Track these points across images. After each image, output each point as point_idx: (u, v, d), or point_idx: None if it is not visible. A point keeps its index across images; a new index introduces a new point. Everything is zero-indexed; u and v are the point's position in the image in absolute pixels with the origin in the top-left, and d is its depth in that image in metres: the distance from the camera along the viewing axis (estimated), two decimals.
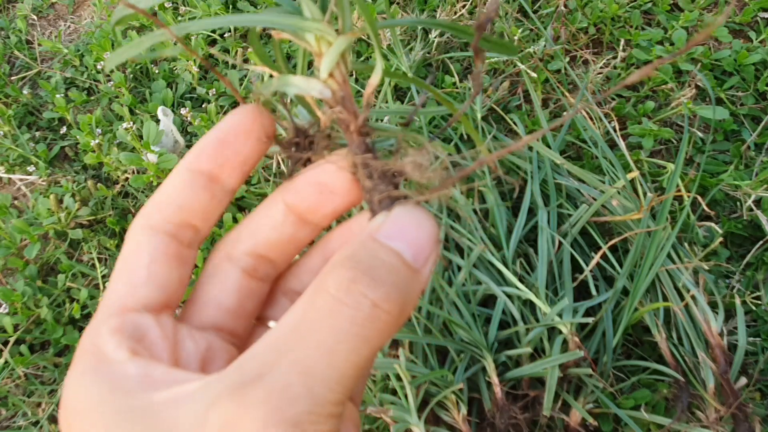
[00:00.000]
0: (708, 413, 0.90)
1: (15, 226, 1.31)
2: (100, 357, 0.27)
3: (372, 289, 0.25)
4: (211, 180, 0.31)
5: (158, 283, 0.30)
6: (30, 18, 1.88)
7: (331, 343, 0.24)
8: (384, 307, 0.25)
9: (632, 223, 1.03)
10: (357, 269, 0.26)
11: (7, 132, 1.55)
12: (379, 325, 0.25)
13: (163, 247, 0.30)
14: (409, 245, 0.27)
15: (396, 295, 0.25)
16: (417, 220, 0.28)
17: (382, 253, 0.27)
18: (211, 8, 1.65)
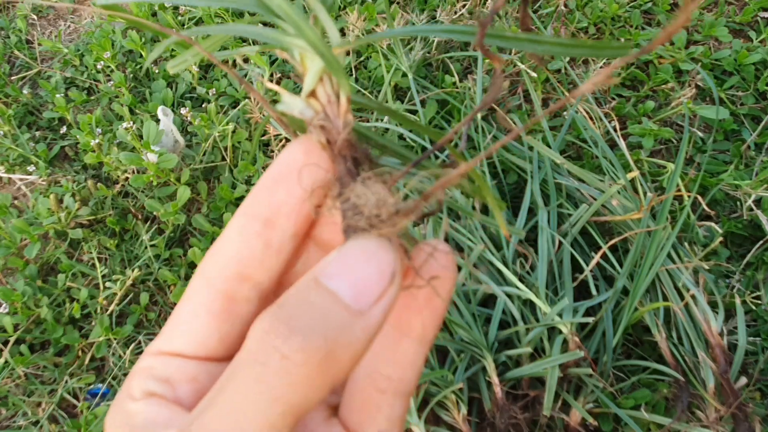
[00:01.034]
0: (708, 413, 0.90)
1: (15, 225, 1.31)
2: (125, 392, 0.28)
3: (284, 340, 0.23)
4: (266, 226, 0.29)
5: (196, 338, 0.29)
6: (30, 18, 1.88)
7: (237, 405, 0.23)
8: (295, 359, 0.23)
9: (632, 222, 1.03)
10: (275, 317, 0.24)
11: (7, 132, 1.55)
12: (289, 380, 0.23)
13: (208, 302, 0.29)
14: (350, 284, 0.25)
15: (316, 343, 0.23)
16: (366, 255, 0.25)
17: (314, 295, 0.24)
18: (211, 8, 1.64)
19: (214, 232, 1.29)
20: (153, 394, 0.28)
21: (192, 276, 0.30)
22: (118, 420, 0.28)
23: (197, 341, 0.29)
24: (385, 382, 0.29)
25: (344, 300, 0.24)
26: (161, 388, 0.28)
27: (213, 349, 0.29)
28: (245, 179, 1.37)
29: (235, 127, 1.39)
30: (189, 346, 0.29)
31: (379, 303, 0.25)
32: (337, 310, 0.24)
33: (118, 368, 1.20)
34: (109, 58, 1.63)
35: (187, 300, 0.30)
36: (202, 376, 0.29)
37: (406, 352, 0.29)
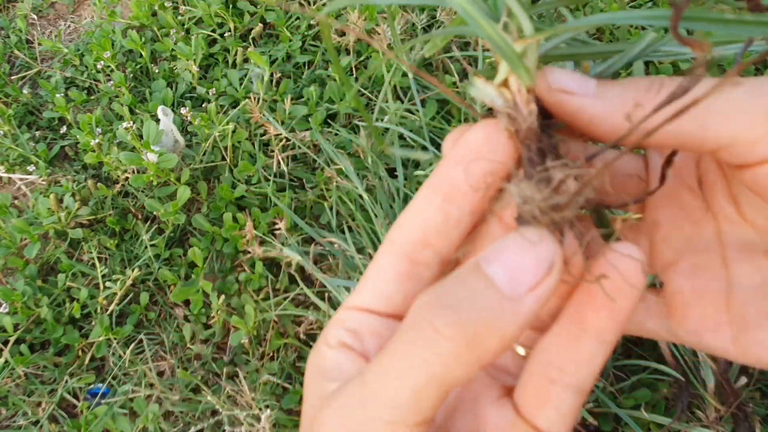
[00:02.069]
0: (708, 413, 0.90)
1: (15, 225, 1.31)
2: (323, 337, 0.32)
3: (437, 315, 0.25)
4: (445, 200, 0.30)
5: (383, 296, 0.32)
6: (30, 17, 1.88)
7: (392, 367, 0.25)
8: (443, 332, 0.24)
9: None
10: (433, 293, 0.26)
11: (7, 131, 1.55)
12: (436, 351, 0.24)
13: (395, 263, 0.32)
14: (505, 269, 0.25)
15: (464, 320, 0.24)
16: (526, 243, 0.26)
17: (471, 277, 0.26)
18: (211, 8, 1.64)
19: (214, 231, 1.29)
20: (344, 344, 0.31)
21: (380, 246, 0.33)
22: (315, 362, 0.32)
23: (383, 298, 0.32)
24: (557, 374, 0.29)
25: (498, 284, 0.25)
26: (351, 339, 0.31)
27: (398, 306, 0.32)
28: (245, 179, 1.37)
29: (235, 127, 1.39)
30: (376, 302, 0.32)
31: (534, 292, 0.25)
32: (489, 294, 0.25)
33: (118, 368, 1.20)
34: (109, 58, 1.63)
35: (376, 261, 0.33)
36: (385, 332, 0.31)
37: (581, 349, 0.29)
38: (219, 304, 1.20)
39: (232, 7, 1.68)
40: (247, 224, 1.21)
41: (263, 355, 1.18)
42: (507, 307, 0.25)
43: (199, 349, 1.21)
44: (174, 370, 1.21)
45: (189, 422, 1.12)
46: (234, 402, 1.10)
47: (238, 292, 1.25)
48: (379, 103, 1.33)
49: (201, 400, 1.12)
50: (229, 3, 1.68)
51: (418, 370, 0.25)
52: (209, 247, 1.29)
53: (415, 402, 0.25)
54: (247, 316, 1.16)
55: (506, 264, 0.25)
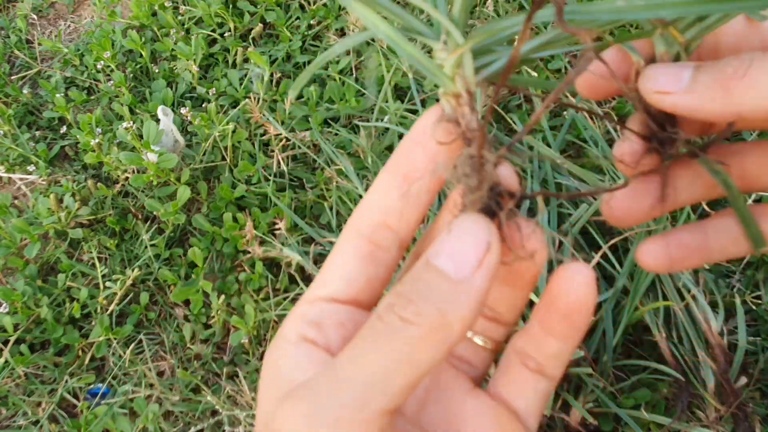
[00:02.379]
0: (708, 413, 0.90)
1: (15, 225, 1.31)
2: (281, 335, 0.33)
3: (403, 308, 0.28)
4: (404, 180, 0.33)
5: (346, 280, 0.33)
6: (30, 17, 1.88)
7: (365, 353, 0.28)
8: (411, 320, 0.27)
9: None
10: (397, 294, 0.29)
11: (7, 131, 1.55)
12: (406, 336, 0.27)
13: (357, 247, 0.33)
14: (450, 258, 0.28)
15: (426, 309, 0.27)
16: (461, 230, 0.29)
17: (424, 273, 0.29)
18: (211, 8, 1.64)
19: (214, 231, 1.29)
20: (305, 339, 0.32)
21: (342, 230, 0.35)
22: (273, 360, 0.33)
23: (347, 283, 0.33)
24: (532, 362, 0.34)
25: (447, 273, 0.28)
26: (313, 333, 0.33)
27: (360, 291, 0.34)
28: (245, 179, 1.37)
29: (235, 127, 1.39)
30: (339, 288, 0.34)
31: (479, 271, 0.28)
32: (441, 282, 0.28)
33: (118, 368, 1.20)
34: (109, 58, 1.63)
35: (338, 247, 0.34)
36: (348, 322, 0.33)
37: (550, 347, 0.33)
38: (219, 304, 1.20)
39: (232, 7, 1.68)
40: (247, 224, 1.21)
41: (263, 355, 1.18)
42: (459, 289, 0.28)
43: (199, 349, 1.21)
44: (174, 370, 1.21)
45: (189, 422, 1.12)
46: (234, 402, 1.10)
47: (238, 292, 1.25)
48: (379, 103, 1.33)
49: (201, 400, 1.12)
50: (229, 3, 1.68)
51: (389, 354, 0.27)
52: (209, 247, 1.29)
53: (385, 386, 0.27)
54: (247, 316, 1.16)
55: (449, 253, 0.29)
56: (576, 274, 0.31)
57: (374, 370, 0.27)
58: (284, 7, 1.66)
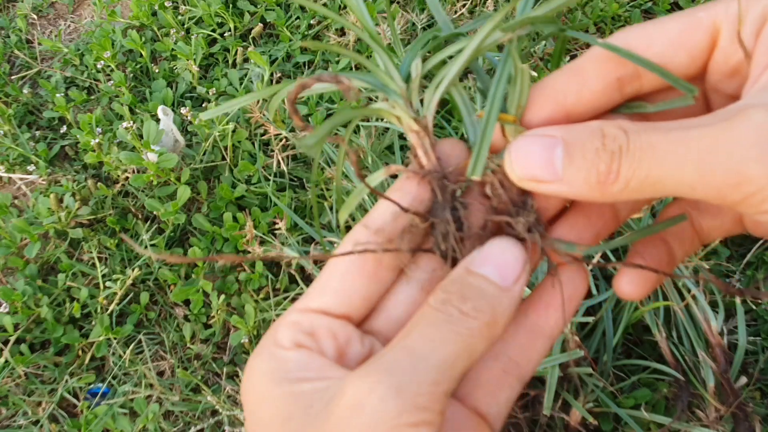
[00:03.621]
0: (708, 412, 0.90)
1: (15, 225, 1.31)
2: (274, 342, 0.34)
3: (461, 303, 0.32)
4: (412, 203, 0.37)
5: (343, 295, 0.35)
6: (30, 17, 1.88)
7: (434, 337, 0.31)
8: (471, 314, 0.31)
9: (632, 222, 1.03)
10: (449, 292, 0.32)
11: (7, 131, 1.55)
12: (467, 326, 0.31)
13: (361, 263, 0.35)
14: (496, 268, 0.33)
15: (483, 306, 0.32)
16: (503, 248, 0.34)
17: (471, 278, 0.33)
18: (211, 7, 1.64)
19: (214, 231, 1.29)
20: (302, 345, 0.34)
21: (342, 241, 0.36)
22: (269, 366, 0.33)
23: (343, 298, 0.35)
24: (511, 365, 0.37)
25: (494, 280, 0.33)
26: (307, 340, 0.34)
27: (355, 308, 0.35)
28: (245, 179, 1.37)
29: (235, 127, 1.39)
30: (335, 303, 0.35)
31: (518, 282, 0.33)
32: (490, 287, 0.33)
33: (118, 368, 1.20)
34: (109, 58, 1.63)
35: (337, 262, 0.36)
36: (340, 334, 0.34)
37: (534, 343, 0.37)
38: (219, 304, 1.20)
39: (232, 7, 1.68)
40: (247, 224, 1.21)
41: None
42: (504, 295, 0.33)
43: (199, 349, 1.21)
44: (174, 369, 1.21)
45: (189, 422, 1.12)
46: (234, 402, 1.10)
47: (238, 292, 1.25)
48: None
49: (201, 399, 1.12)
50: (229, 3, 1.68)
51: (456, 341, 0.31)
52: (209, 247, 1.29)
53: (453, 368, 0.30)
54: (247, 316, 1.16)
55: (495, 264, 0.33)
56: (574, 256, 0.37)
57: (445, 354, 0.30)
58: (284, 7, 1.66)
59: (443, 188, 0.36)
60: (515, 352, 0.36)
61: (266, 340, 0.35)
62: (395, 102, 0.38)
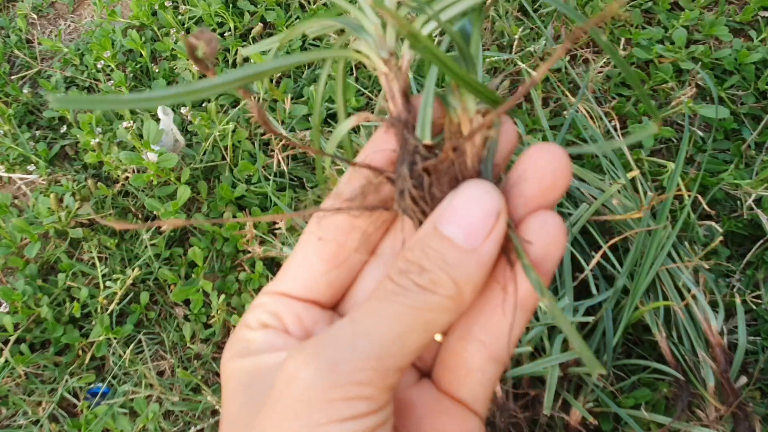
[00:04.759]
0: (708, 412, 0.90)
1: (15, 225, 1.30)
2: (242, 324, 0.34)
3: (418, 275, 0.29)
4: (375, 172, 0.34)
5: (304, 281, 0.34)
6: (30, 17, 1.88)
7: (382, 312, 0.28)
8: (428, 288, 0.28)
9: (632, 222, 1.03)
10: (408, 261, 0.29)
11: (7, 131, 1.55)
12: (423, 300, 0.28)
13: (320, 248, 0.34)
14: (460, 227, 0.29)
15: (442, 278, 0.28)
16: (470, 197, 0.29)
17: (434, 242, 0.29)
18: (211, 7, 1.64)
19: (214, 231, 1.29)
20: (267, 325, 0.33)
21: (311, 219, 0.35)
22: (237, 347, 0.33)
23: (307, 283, 0.34)
24: (478, 346, 0.32)
25: (458, 242, 0.29)
26: (273, 321, 0.33)
27: (320, 293, 0.34)
28: (245, 178, 1.37)
29: (235, 127, 1.39)
30: (299, 288, 0.34)
31: (489, 239, 0.29)
32: (453, 252, 0.29)
33: (119, 368, 1.20)
34: (109, 58, 1.63)
35: (301, 246, 0.35)
36: (306, 317, 0.34)
37: (501, 319, 0.31)
38: (219, 304, 1.20)
39: (232, 7, 1.68)
40: (247, 224, 1.21)
41: None
42: (470, 258, 0.29)
43: (199, 349, 1.20)
44: (174, 369, 1.21)
45: (189, 422, 1.12)
46: None
47: (238, 292, 1.25)
48: (380, 103, 1.33)
49: (201, 399, 1.12)
50: (229, 2, 1.68)
51: (407, 316, 0.28)
52: (209, 247, 1.29)
53: (402, 343, 0.28)
54: None
55: (460, 222, 0.29)
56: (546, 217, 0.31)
57: (392, 329, 0.28)
58: (284, 7, 1.66)
59: (404, 140, 0.32)
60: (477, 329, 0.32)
61: (239, 324, 0.35)
62: (366, 40, 0.34)
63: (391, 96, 0.33)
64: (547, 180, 0.31)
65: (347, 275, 0.35)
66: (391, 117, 0.33)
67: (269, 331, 0.33)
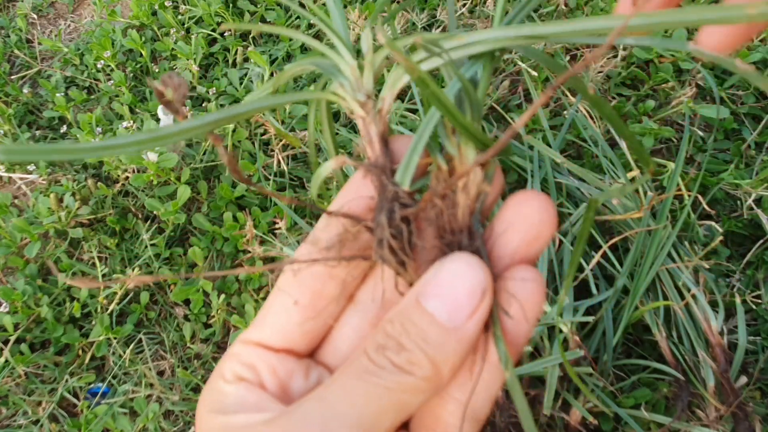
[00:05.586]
0: (708, 412, 0.90)
1: (15, 225, 1.31)
2: (218, 372, 0.33)
3: (395, 354, 0.27)
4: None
5: (280, 330, 0.33)
6: (30, 17, 1.88)
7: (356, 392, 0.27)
8: (405, 368, 0.27)
9: (633, 222, 1.03)
10: (387, 335, 0.28)
11: (7, 131, 1.55)
12: (398, 381, 0.27)
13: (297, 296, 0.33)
14: (443, 304, 0.28)
15: (420, 359, 0.27)
16: (455, 272, 0.28)
17: (415, 316, 0.28)
18: (211, 7, 1.64)
19: (214, 231, 1.29)
20: (242, 378, 0.32)
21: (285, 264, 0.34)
22: (211, 399, 0.32)
23: (283, 332, 0.33)
24: (456, 406, 0.31)
25: (439, 320, 0.27)
26: (248, 374, 0.32)
27: (295, 342, 0.33)
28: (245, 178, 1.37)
29: (235, 126, 1.39)
30: (274, 337, 0.33)
31: (473, 318, 0.28)
32: (434, 329, 0.27)
33: (119, 367, 1.20)
34: (109, 57, 1.63)
35: (276, 293, 0.34)
36: (280, 368, 0.33)
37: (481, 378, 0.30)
38: (219, 304, 1.20)
39: (232, 7, 1.68)
40: (247, 223, 1.21)
41: None
42: (452, 337, 0.27)
43: (199, 349, 1.20)
44: (174, 369, 1.21)
45: (189, 422, 1.12)
46: None
47: (238, 292, 1.25)
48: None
49: None
50: (229, 2, 1.68)
51: (381, 396, 0.27)
52: (209, 247, 1.29)
53: (375, 425, 0.27)
54: (248, 315, 1.16)
55: (443, 298, 0.28)
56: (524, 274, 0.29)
57: (365, 410, 0.27)
58: (284, 7, 1.66)
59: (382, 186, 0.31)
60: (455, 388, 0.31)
61: (215, 372, 0.34)
62: (341, 83, 0.33)
63: (368, 140, 0.32)
64: (532, 232, 0.30)
65: (324, 324, 0.34)
66: (369, 162, 0.32)
67: (243, 385, 0.32)
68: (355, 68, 0.33)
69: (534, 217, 0.30)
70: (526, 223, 0.30)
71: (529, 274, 0.29)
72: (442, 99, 0.28)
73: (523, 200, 0.30)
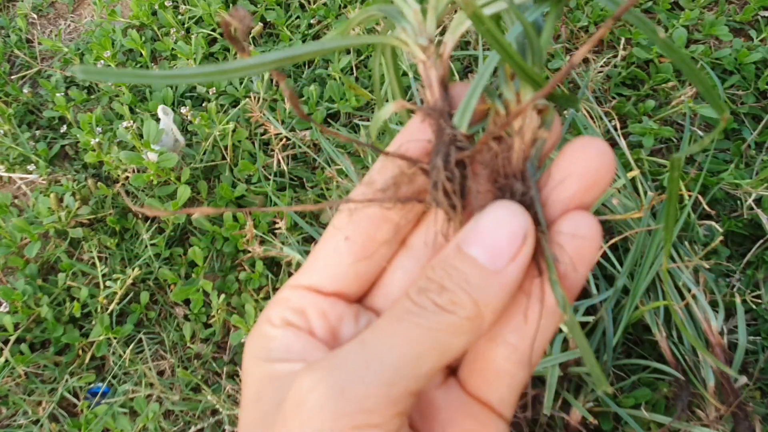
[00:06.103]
0: (708, 412, 0.90)
1: (15, 224, 1.31)
2: (264, 317, 0.33)
3: (437, 295, 0.28)
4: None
5: (332, 273, 0.33)
6: (30, 17, 1.88)
7: (397, 333, 0.28)
8: (447, 308, 0.27)
9: (633, 221, 1.03)
10: (429, 279, 0.28)
11: (7, 131, 1.55)
12: (440, 321, 0.27)
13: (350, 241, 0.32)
14: (484, 249, 0.28)
15: (463, 299, 0.27)
16: (497, 219, 0.28)
17: (457, 261, 0.28)
18: (211, 7, 1.64)
19: (214, 231, 1.29)
20: (290, 324, 0.32)
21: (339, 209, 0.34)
22: (257, 346, 0.32)
23: (334, 276, 0.33)
24: (509, 350, 0.31)
25: (481, 263, 0.28)
26: (297, 319, 0.32)
27: (347, 285, 0.33)
28: (245, 178, 1.37)
29: (235, 126, 1.39)
30: (325, 280, 0.33)
31: (514, 262, 0.28)
32: (476, 272, 0.28)
33: (119, 367, 1.20)
34: (109, 57, 1.63)
35: (329, 236, 0.33)
36: (331, 313, 0.32)
37: (534, 323, 0.30)
38: (219, 303, 1.20)
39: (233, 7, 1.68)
40: (247, 223, 1.21)
41: None
42: (493, 280, 0.28)
43: (199, 349, 1.21)
44: (174, 369, 1.21)
45: (189, 421, 1.12)
46: (234, 401, 1.10)
47: (238, 291, 1.25)
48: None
49: (201, 399, 1.12)
50: (229, 2, 1.68)
51: (422, 337, 0.27)
52: (209, 247, 1.29)
53: (415, 367, 0.27)
54: (248, 315, 1.16)
55: (484, 243, 0.28)
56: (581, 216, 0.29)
57: (405, 351, 0.27)
58: (284, 7, 1.66)
59: (440, 129, 0.31)
60: (509, 332, 0.31)
61: (261, 316, 0.34)
62: (404, 27, 0.33)
63: (428, 84, 0.32)
64: (589, 179, 0.30)
65: (376, 267, 0.33)
66: (428, 106, 0.32)
67: (290, 331, 0.32)
68: (418, 12, 0.33)
69: (592, 163, 0.29)
70: (584, 170, 0.30)
71: (585, 219, 0.29)
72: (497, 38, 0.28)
73: (582, 146, 0.30)
